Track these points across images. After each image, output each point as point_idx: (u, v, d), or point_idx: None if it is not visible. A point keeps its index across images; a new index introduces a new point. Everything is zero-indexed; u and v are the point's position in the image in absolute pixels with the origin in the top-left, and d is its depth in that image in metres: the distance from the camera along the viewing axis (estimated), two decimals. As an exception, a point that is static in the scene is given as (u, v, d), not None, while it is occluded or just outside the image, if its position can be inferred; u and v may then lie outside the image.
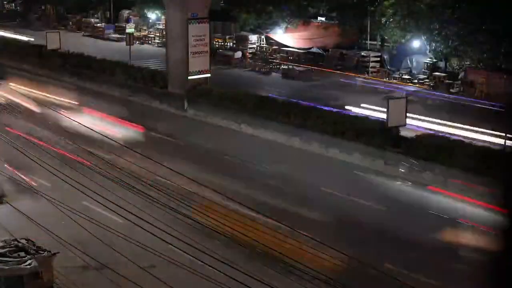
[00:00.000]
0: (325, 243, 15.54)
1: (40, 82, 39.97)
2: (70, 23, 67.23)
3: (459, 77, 39.87)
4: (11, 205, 20.21)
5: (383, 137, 27.07)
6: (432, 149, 25.64)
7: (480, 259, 17.37)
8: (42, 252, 15.22)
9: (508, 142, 24.01)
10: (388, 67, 44.40)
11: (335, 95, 38.65)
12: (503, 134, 24.60)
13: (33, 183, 23.44)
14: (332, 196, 23.73)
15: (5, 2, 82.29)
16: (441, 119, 32.14)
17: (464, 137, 28.02)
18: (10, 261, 14.76)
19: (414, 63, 43.59)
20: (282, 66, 46.93)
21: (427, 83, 40.80)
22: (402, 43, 43.77)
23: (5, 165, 24.57)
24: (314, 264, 15.86)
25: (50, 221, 18.69)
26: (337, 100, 36.98)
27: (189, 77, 35.60)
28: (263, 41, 52.42)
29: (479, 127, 29.96)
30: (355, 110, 33.80)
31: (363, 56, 44.38)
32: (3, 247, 15.18)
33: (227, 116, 32.80)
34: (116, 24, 63.48)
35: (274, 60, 48.40)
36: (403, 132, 27.31)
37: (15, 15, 75.40)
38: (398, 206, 23.13)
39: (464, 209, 22.58)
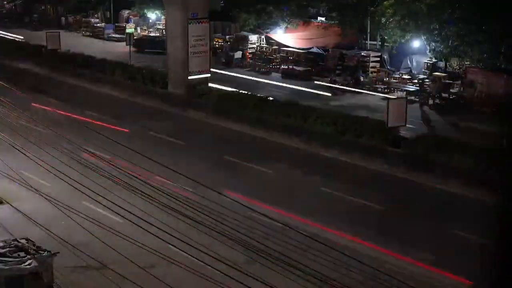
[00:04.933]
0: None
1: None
2: (70, 23, 67.19)
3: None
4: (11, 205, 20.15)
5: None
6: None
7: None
8: (42, 252, 15.19)
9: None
10: (388, 67, 44.36)
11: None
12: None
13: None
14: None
15: (5, 2, 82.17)
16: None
17: None
18: (10, 261, 14.74)
19: (414, 63, 43.54)
20: (282, 66, 46.91)
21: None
22: (402, 43, 43.72)
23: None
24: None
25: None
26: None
27: (189, 77, 35.66)
28: (263, 41, 52.36)
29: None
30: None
31: (363, 56, 44.36)
32: (3, 247, 15.14)
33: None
34: (116, 24, 63.44)
35: (274, 60, 48.35)
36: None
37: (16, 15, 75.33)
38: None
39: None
